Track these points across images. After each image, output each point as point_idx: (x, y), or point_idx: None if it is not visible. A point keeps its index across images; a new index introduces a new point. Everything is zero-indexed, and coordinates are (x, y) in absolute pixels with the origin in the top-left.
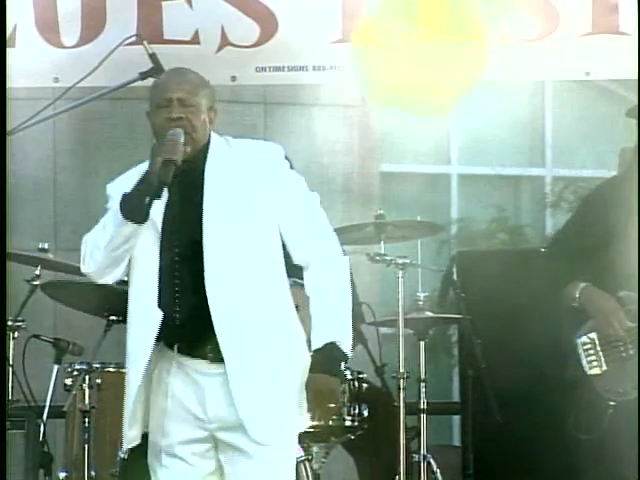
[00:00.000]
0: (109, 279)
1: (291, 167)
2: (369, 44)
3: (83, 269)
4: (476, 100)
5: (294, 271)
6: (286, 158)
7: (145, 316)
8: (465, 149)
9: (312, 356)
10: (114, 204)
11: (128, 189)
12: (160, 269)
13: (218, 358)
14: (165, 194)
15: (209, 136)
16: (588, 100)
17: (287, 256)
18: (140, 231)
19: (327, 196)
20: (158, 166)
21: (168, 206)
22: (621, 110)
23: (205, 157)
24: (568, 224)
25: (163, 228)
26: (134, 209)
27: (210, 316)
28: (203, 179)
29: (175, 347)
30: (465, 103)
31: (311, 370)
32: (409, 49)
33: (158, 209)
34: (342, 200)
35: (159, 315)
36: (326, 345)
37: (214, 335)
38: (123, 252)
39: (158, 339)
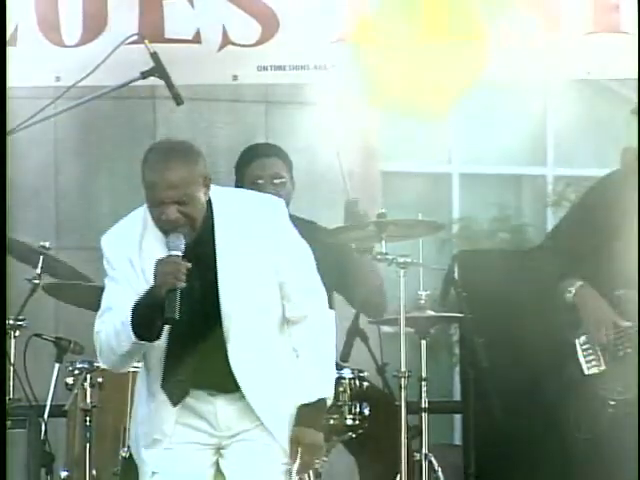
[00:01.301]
0: (128, 368)
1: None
2: (369, 44)
3: (100, 364)
4: (477, 99)
5: None
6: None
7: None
8: (466, 148)
9: (300, 408)
10: (110, 265)
11: (122, 246)
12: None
13: (230, 389)
14: None
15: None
16: (589, 99)
17: None
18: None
19: (328, 196)
20: (164, 295)
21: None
22: (622, 109)
23: (212, 221)
24: (563, 221)
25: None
26: (147, 332)
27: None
28: (214, 243)
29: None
30: (466, 102)
31: (298, 423)
32: (409, 49)
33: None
34: (343, 199)
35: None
36: (317, 401)
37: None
38: (139, 355)
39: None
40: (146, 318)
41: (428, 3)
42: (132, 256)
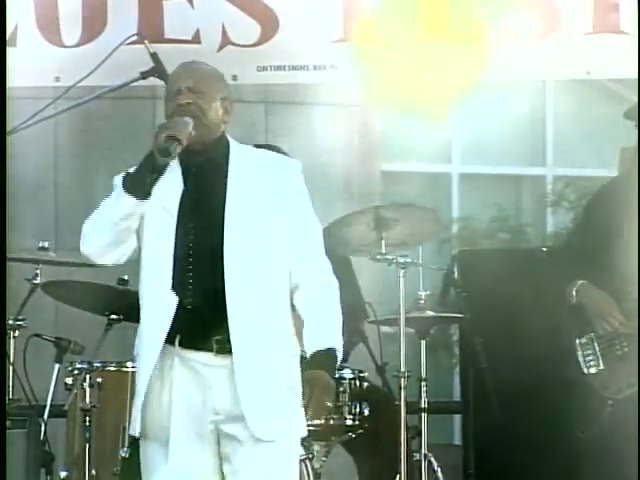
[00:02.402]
0: (108, 259)
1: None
2: (369, 44)
3: (82, 249)
4: (477, 99)
5: None
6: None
7: (159, 302)
8: (466, 148)
9: (312, 356)
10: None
11: None
12: (174, 255)
13: (224, 350)
14: (180, 182)
15: (225, 135)
16: (589, 99)
17: None
18: (142, 209)
19: (327, 195)
20: (162, 142)
21: (185, 194)
22: (622, 109)
23: (227, 154)
24: (571, 224)
25: (179, 215)
26: (136, 184)
27: (224, 304)
28: (227, 174)
29: (176, 340)
30: (466, 102)
31: (310, 367)
32: (408, 49)
33: (174, 195)
34: (342, 199)
35: (174, 299)
36: (328, 349)
37: (224, 325)
38: (123, 230)
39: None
40: (138, 172)
41: (428, 3)
42: None
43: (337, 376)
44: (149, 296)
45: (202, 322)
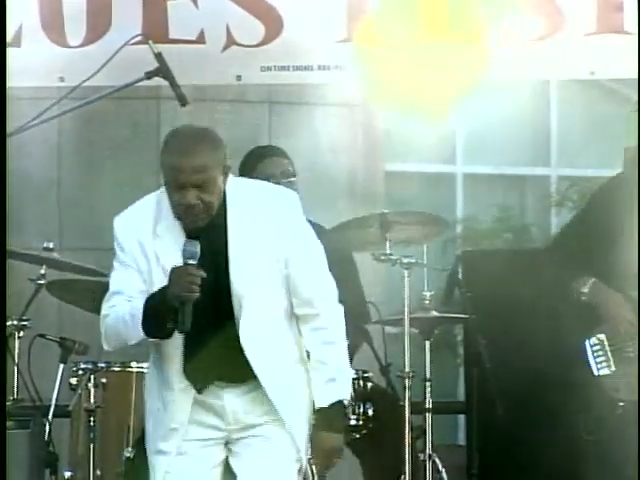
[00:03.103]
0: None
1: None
2: (371, 44)
3: (104, 346)
4: (481, 99)
5: None
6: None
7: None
8: (470, 148)
9: (318, 412)
10: (120, 246)
11: (134, 228)
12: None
13: (242, 380)
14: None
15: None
16: (593, 99)
17: None
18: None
19: (331, 195)
20: (177, 305)
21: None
22: (626, 109)
23: (225, 208)
24: (571, 222)
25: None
26: (156, 333)
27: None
28: (226, 229)
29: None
30: (470, 102)
31: (317, 428)
32: (411, 49)
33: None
34: (346, 199)
35: (188, 388)
36: (333, 404)
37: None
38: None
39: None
40: (157, 321)
41: (429, 3)
42: (144, 240)
43: None
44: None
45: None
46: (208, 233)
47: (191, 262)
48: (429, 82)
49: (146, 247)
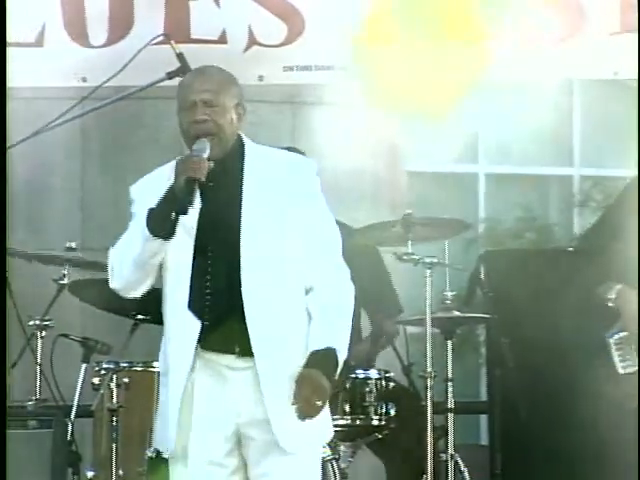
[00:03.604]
0: (137, 293)
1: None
2: (377, 44)
3: (111, 285)
4: (504, 99)
5: None
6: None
7: (182, 320)
8: (493, 148)
9: (310, 355)
10: (137, 208)
11: (151, 192)
12: (192, 271)
13: (246, 352)
14: (198, 198)
15: (240, 137)
16: (616, 99)
17: None
18: (167, 245)
19: (355, 196)
20: (182, 184)
21: (204, 210)
22: None
23: (242, 161)
24: (597, 223)
25: (198, 230)
26: (160, 225)
27: (243, 315)
28: (242, 183)
29: (199, 344)
30: (493, 102)
31: (306, 365)
32: (424, 50)
33: (192, 213)
34: (368, 200)
35: (195, 319)
36: (327, 349)
37: (244, 332)
38: (150, 267)
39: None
40: (161, 212)
41: (452, 4)
42: (160, 192)
43: (363, 376)
44: (172, 315)
45: (223, 331)
46: (222, 183)
47: (198, 154)
48: (447, 83)
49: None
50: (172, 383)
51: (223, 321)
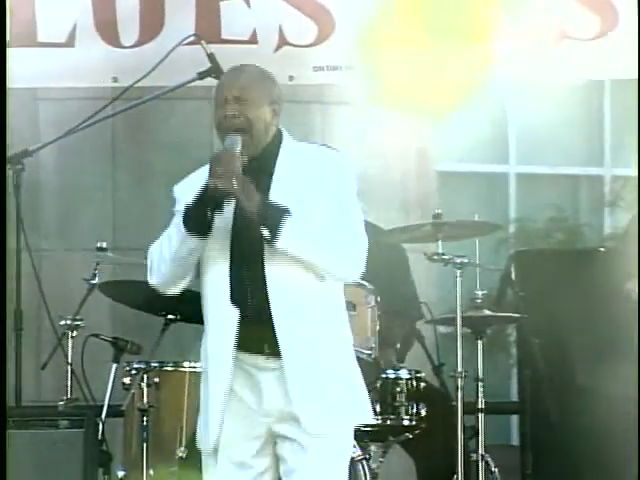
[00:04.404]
0: (176, 290)
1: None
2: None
3: (150, 281)
4: (535, 99)
5: None
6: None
7: (222, 317)
8: (523, 148)
9: None
10: (180, 207)
11: (194, 192)
12: (230, 268)
13: (274, 352)
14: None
15: (280, 134)
16: None
17: None
18: (205, 243)
19: (385, 196)
20: (217, 183)
21: (238, 205)
22: None
23: (276, 157)
24: (631, 223)
25: (233, 226)
26: (197, 223)
27: (270, 313)
28: (272, 179)
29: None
30: (524, 103)
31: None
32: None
33: (229, 208)
34: (399, 200)
35: (236, 314)
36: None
37: (272, 331)
38: (189, 264)
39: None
40: (197, 209)
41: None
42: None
43: (394, 376)
44: (213, 310)
45: (252, 328)
46: (256, 179)
47: (230, 150)
48: (473, 83)
49: None
50: (212, 381)
51: (252, 321)
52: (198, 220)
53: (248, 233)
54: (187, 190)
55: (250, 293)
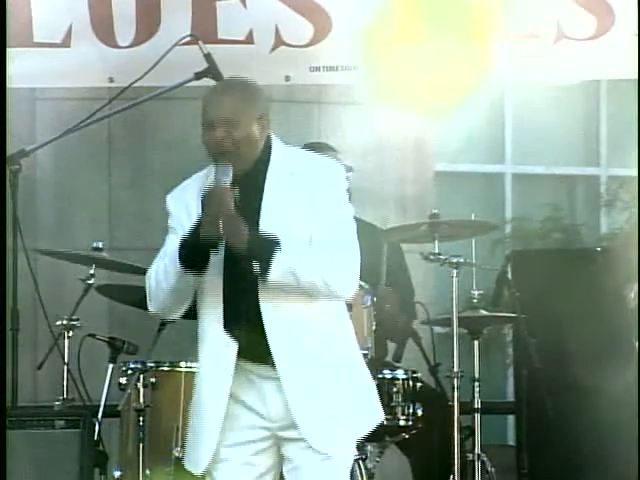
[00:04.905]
0: (175, 316)
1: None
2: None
3: (150, 309)
4: (531, 99)
5: None
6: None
7: (216, 345)
8: (519, 148)
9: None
10: (173, 223)
11: (184, 206)
12: (224, 291)
13: (273, 364)
14: None
15: (268, 142)
16: None
17: None
18: (201, 277)
19: (381, 196)
20: (209, 221)
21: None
22: None
23: (266, 168)
24: (627, 224)
25: (226, 260)
26: (193, 262)
27: (263, 327)
28: (263, 189)
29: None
30: (520, 103)
31: None
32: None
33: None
34: (396, 200)
35: (235, 348)
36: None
37: (267, 343)
38: (187, 294)
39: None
40: (192, 246)
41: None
42: (190, 204)
43: (390, 376)
44: (207, 334)
45: (251, 343)
46: (245, 191)
47: (222, 182)
48: (471, 83)
49: (191, 211)
50: (207, 408)
51: (252, 332)
52: (193, 258)
53: (239, 267)
54: (176, 196)
55: (240, 308)
